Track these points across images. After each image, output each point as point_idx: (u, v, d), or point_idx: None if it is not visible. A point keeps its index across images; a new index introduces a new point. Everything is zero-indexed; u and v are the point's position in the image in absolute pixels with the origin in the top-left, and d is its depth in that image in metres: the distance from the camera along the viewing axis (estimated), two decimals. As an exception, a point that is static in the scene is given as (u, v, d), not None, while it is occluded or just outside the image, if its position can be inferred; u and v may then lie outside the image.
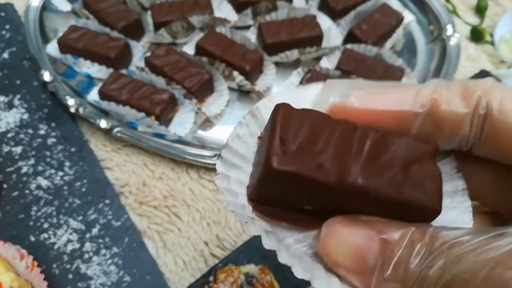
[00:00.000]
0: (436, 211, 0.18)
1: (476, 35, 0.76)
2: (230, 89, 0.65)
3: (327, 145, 0.18)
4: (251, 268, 0.50)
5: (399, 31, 0.72)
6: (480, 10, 0.79)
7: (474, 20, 0.79)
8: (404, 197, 0.18)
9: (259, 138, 0.20)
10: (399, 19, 0.71)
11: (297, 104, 0.19)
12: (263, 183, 0.19)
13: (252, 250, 0.52)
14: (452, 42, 0.72)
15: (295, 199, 0.19)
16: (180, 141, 0.60)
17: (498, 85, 0.18)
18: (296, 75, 0.64)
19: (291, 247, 0.20)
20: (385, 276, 0.17)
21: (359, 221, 0.18)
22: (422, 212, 0.18)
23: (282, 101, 0.19)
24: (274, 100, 0.20)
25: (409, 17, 0.76)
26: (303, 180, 0.18)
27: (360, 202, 0.18)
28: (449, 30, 0.73)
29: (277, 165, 0.17)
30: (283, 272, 0.51)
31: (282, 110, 0.18)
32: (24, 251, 0.49)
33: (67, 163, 0.58)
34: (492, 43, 0.75)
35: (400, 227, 0.18)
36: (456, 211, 0.20)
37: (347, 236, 0.18)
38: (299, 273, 0.19)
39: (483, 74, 0.70)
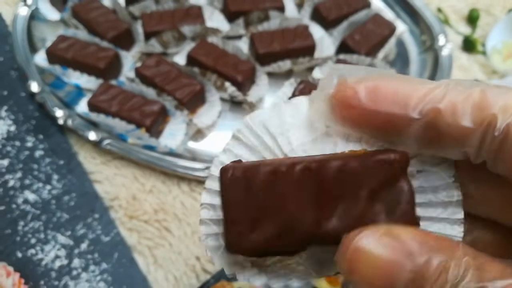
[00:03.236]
0: None
1: (468, 45, 0.76)
2: (222, 99, 0.64)
3: (283, 204, 0.17)
4: (244, 284, 0.49)
5: (392, 41, 0.72)
6: (472, 20, 0.79)
7: (466, 30, 0.79)
8: None
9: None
10: (392, 29, 0.71)
11: (282, 122, 0.19)
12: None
13: (244, 265, 0.51)
14: (445, 52, 0.71)
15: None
16: (171, 153, 0.59)
17: None
18: (288, 86, 0.64)
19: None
20: None
21: (393, 236, 0.16)
22: None
23: (261, 120, 0.19)
24: (254, 118, 0.19)
25: (401, 27, 0.75)
26: (267, 250, 0.18)
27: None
28: (441, 40, 0.72)
29: (235, 249, 0.18)
30: (276, 288, 0.50)
31: (226, 180, 0.18)
32: (11, 268, 0.48)
33: (55, 176, 0.57)
34: (484, 53, 0.75)
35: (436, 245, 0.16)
36: (446, 222, 0.19)
37: (380, 253, 0.16)
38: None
39: (475, 84, 0.70)
